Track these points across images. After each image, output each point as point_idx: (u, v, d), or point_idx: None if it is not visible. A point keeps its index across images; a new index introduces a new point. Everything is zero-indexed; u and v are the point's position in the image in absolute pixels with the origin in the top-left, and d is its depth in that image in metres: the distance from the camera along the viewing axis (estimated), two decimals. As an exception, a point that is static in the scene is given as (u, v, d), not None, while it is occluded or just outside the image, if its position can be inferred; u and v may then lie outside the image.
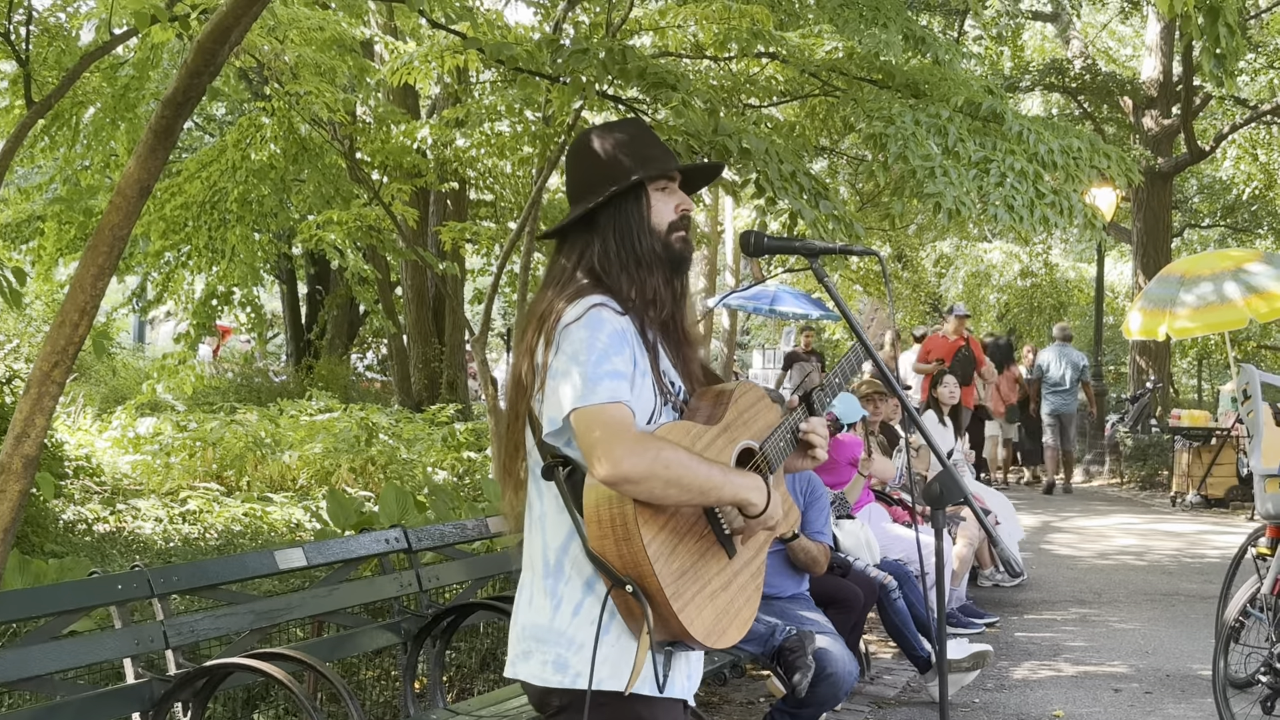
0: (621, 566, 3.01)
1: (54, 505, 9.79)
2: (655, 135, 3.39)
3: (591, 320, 3.09)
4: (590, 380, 3.02)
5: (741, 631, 3.22)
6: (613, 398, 3.02)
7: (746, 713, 7.72)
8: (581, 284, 3.22)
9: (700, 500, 3.09)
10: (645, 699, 3.13)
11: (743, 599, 3.25)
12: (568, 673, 3.12)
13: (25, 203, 15.19)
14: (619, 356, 3.08)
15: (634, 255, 3.24)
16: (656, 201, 3.29)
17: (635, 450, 2.97)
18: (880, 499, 9.59)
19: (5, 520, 5.97)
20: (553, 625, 3.16)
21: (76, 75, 7.76)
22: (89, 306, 6.15)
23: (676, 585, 3.04)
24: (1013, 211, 8.49)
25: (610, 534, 3.02)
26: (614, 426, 2.99)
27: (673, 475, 2.99)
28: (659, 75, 8.66)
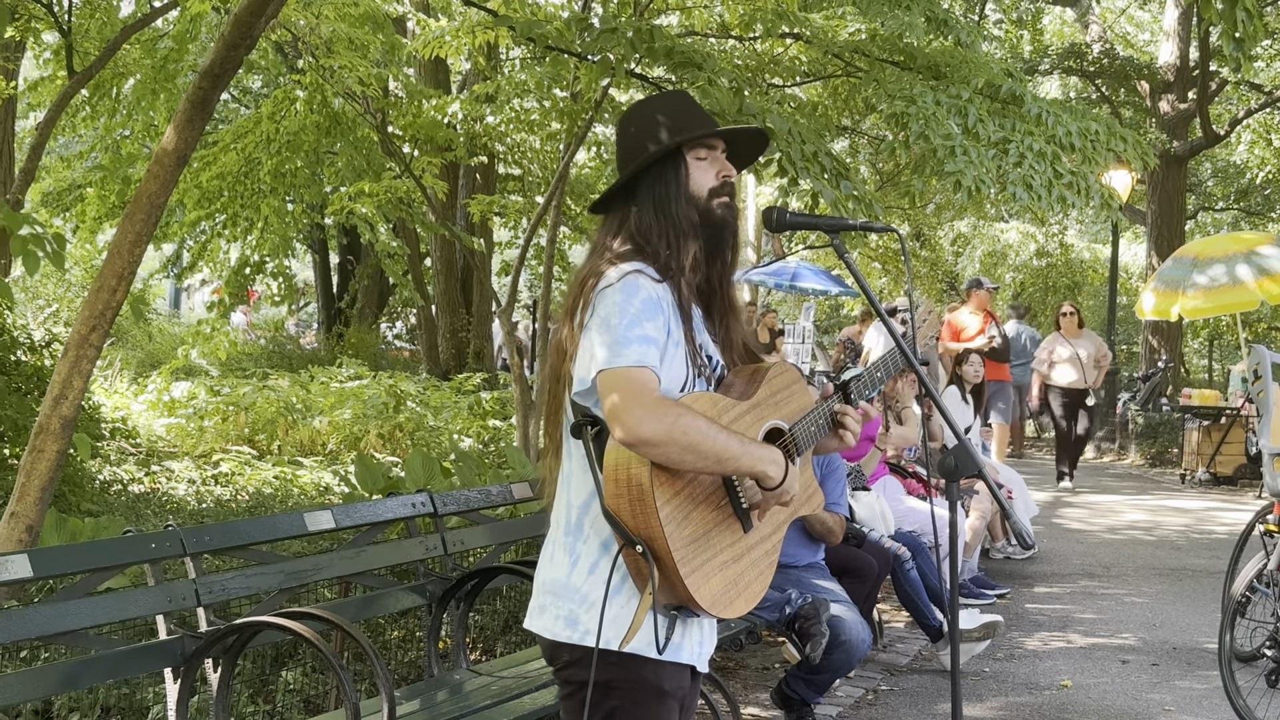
0: (634, 527, 3.00)
1: (91, 466, 9.83)
2: (698, 106, 3.36)
3: (627, 285, 3.07)
4: (619, 343, 3.00)
5: (750, 604, 3.20)
6: (639, 361, 2.99)
7: (762, 678, 7.73)
8: (622, 251, 3.19)
9: (716, 468, 3.06)
10: (649, 660, 3.11)
11: (754, 573, 3.23)
12: (577, 629, 3.12)
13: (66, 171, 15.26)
14: (651, 322, 3.05)
15: (671, 222, 3.19)
16: (695, 169, 3.24)
17: (654, 414, 2.94)
18: (895, 472, 9.58)
19: (43, 479, 6.00)
20: (569, 581, 3.15)
21: (117, 46, 7.78)
22: (126, 272, 6.16)
23: (686, 551, 3.03)
24: (1031, 191, 8.47)
25: (625, 494, 3.00)
26: (636, 389, 2.96)
27: (690, 441, 2.97)
28: (685, 54, 8.64)
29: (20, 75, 13.12)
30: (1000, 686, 7.65)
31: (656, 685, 3.15)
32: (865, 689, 7.55)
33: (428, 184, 12.29)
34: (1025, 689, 7.59)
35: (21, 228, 5.59)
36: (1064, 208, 8.90)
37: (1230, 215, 33.91)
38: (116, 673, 4.81)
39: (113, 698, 5.46)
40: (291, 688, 6.01)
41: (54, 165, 15.76)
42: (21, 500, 5.97)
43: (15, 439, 9.05)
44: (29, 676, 4.71)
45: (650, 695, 3.14)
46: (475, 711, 5.25)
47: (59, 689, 4.85)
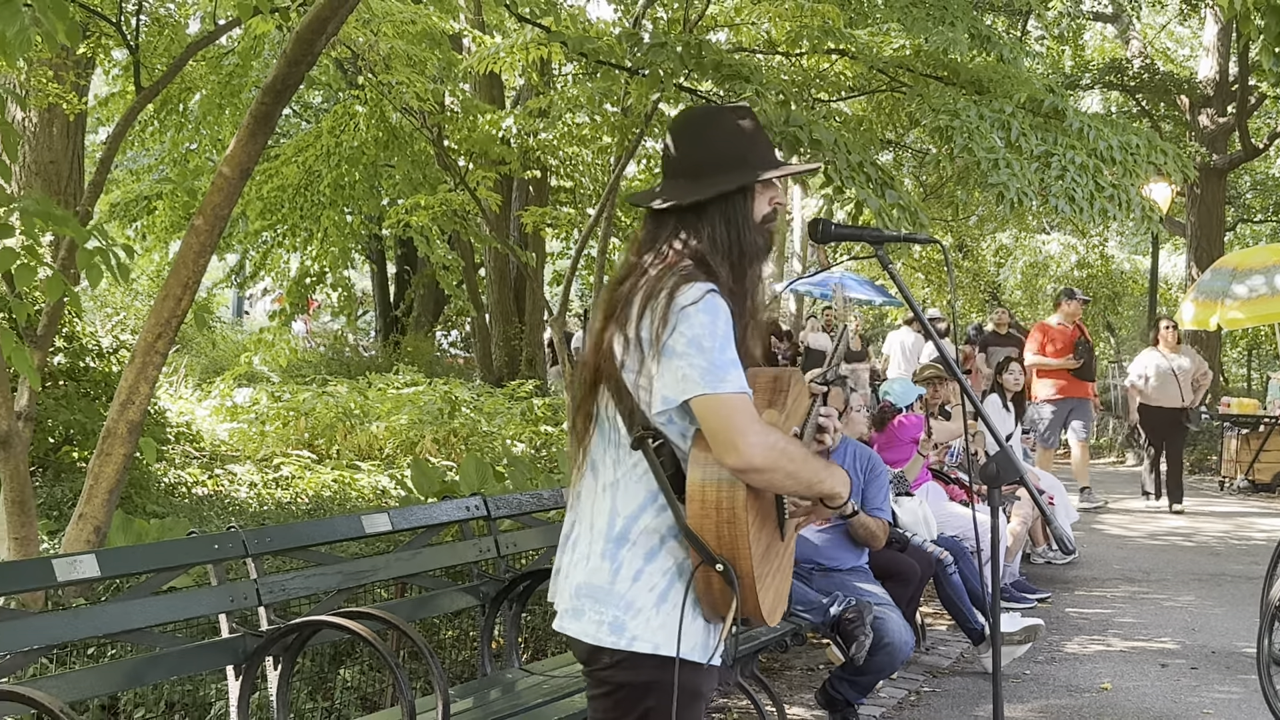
0: (718, 546, 2.99)
1: (156, 469, 9.89)
2: (765, 129, 3.33)
3: (710, 305, 3.03)
4: (717, 367, 2.98)
5: (784, 607, 3.27)
6: (740, 388, 2.99)
7: (806, 679, 7.71)
8: (689, 266, 3.13)
9: (805, 491, 3.13)
10: (693, 665, 3.12)
11: (783, 577, 3.29)
12: (624, 635, 3.09)
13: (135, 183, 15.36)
14: (733, 345, 3.04)
15: (740, 247, 3.17)
16: (758, 195, 3.23)
17: (765, 442, 2.96)
18: (938, 477, 9.54)
19: (110, 481, 6.05)
20: (612, 588, 3.12)
21: (183, 63, 7.83)
22: (191, 282, 6.21)
23: (760, 568, 3.05)
24: (1073, 203, 8.43)
25: (714, 514, 2.99)
26: (744, 417, 2.97)
27: (794, 468, 3.02)
28: (733, 69, 8.65)
29: (90, 91, 13.24)
30: (1041, 689, 7.60)
31: (695, 688, 3.15)
32: (908, 690, 7.52)
33: (482, 196, 12.33)
34: (1065, 691, 7.54)
35: (88, 240, 5.63)
36: (1105, 220, 8.85)
37: (1269, 227, 33.59)
38: (180, 670, 4.84)
39: (176, 694, 5.49)
40: (349, 685, 6.03)
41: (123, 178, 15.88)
42: (90, 502, 6.02)
43: (84, 442, 9.12)
44: (96, 673, 4.75)
45: (687, 697, 3.13)
46: (527, 710, 5.25)
47: (125, 685, 4.89)
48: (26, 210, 5.48)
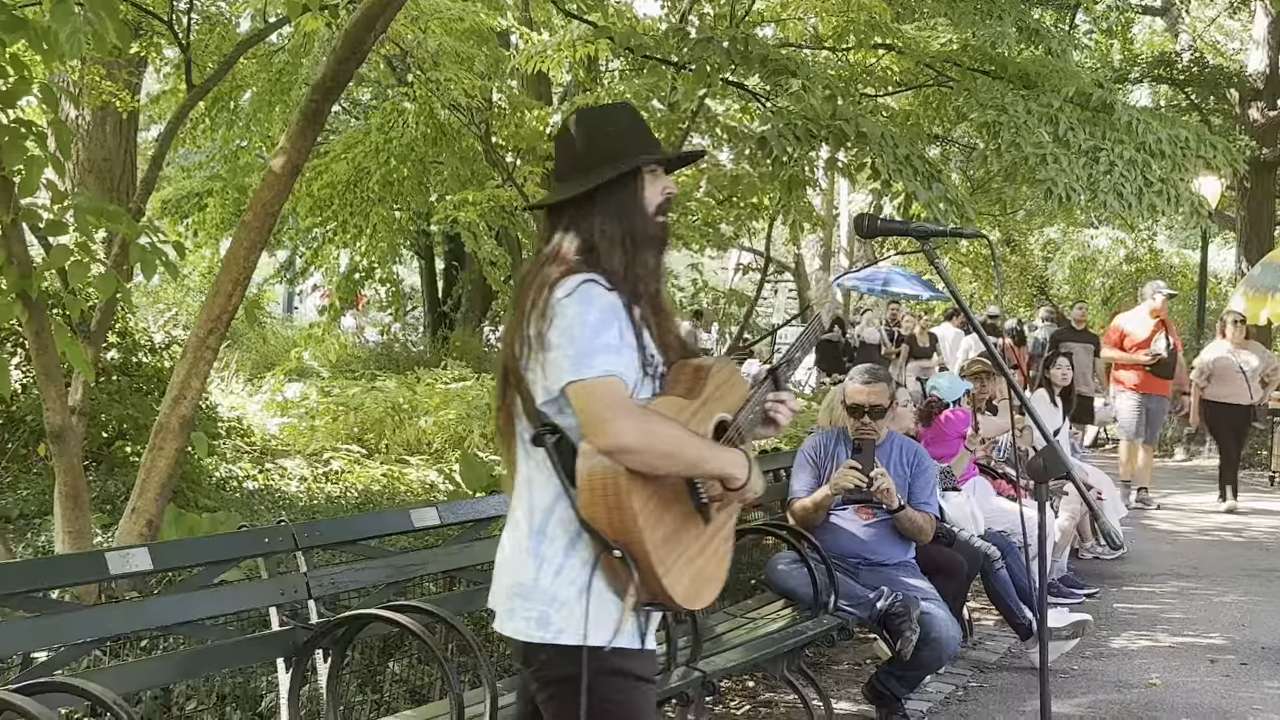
0: (611, 533, 3.04)
1: (208, 463, 9.95)
2: (644, 120, 3.42)
3: (583, 296, 3.11)
4: (585, 354, 3.05)
5: (715, 593, 3.27)
6: (607, 371, 3.05)
7: (854, 674, 7.69)
8: (574, 260, 3.22)
9: (689, 472, 3.15)
10: (627, 651, 3.17)
11: (715, 562, 3.29)
12: (550, 629, 3.15)
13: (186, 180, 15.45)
14: (609, 331, 3.10)
15: (630, 234, 3.23)
16: (647, 185, 3.29)
17: (632, 423, 3.02)
18: (985, 473, 9.49)
19: (163, 476, 6.09)
20: (536, 584, 3.18)
21: (234, 61, 7.87)
22: (242, 278, 6.24)
23: (661, 551, 3.07)
24: (1122, 199, 8.37)
25: (602, 501, 3.04)
26: (610, 399, 3.04)
27: (667, 448, 3.06)
28: (780, 63, 8.62)
29: (143, 89, 13.32)
30: (1088, 684, 7.56)
31: (636, 673, 3.21)
32: (955, 685, 7.49)
33: (529, 192, 12.34)
34: (1113, 687, 7.50)
35: (140, 237, 5.67)
36: (1154, 215, 8.78)
37: (1319, 221, 33.32)
38: (231, 662, 4.87)
39: (228, 686, 5.52)
40: (398, 678, 6.04)
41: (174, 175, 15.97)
42: (142, 496, 6.06)
43: (136, 437, 9.18)
44: (149, 665, 4.79)
45: (631, 682, 3.19)
46: (575, 703, 5.25)
47: (177, 677, 4.92)
48: (80, 207, 5.52)
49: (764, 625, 6.73)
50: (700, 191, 15.75)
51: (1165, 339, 14.23)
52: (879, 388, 7.13)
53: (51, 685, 3.92)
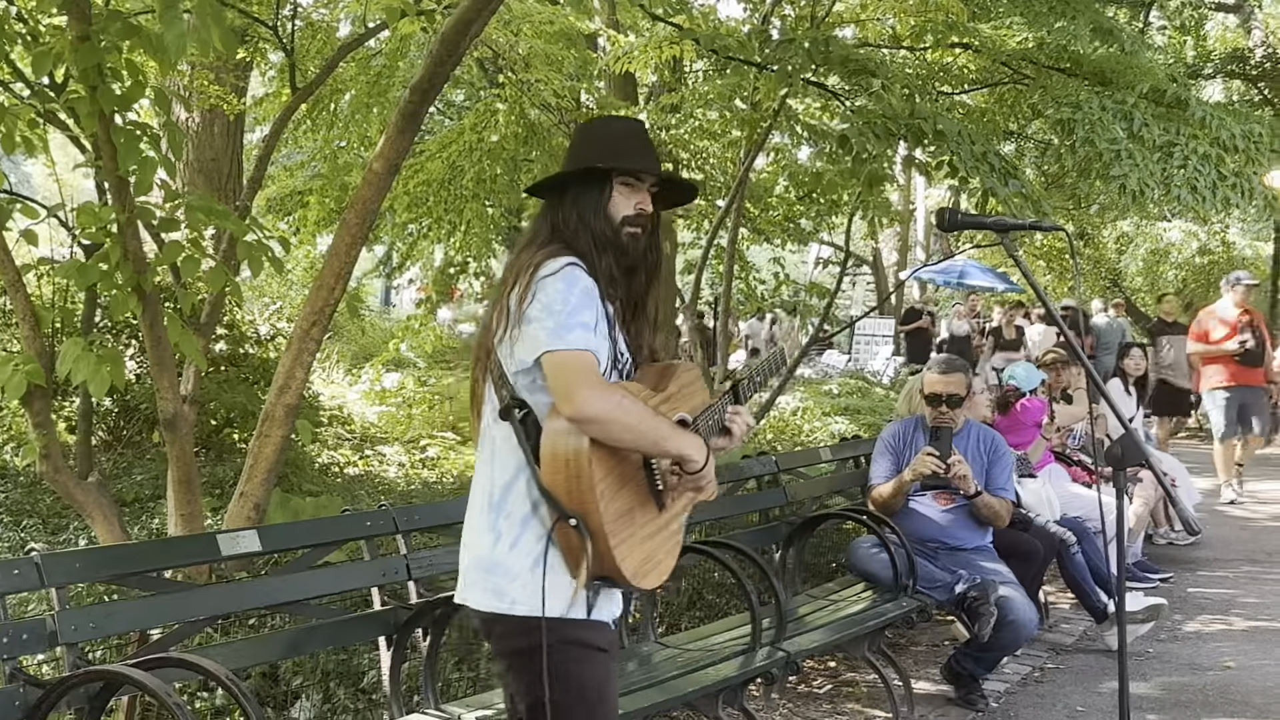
0: (569, 502, 3.06)
1: (311, 450, 10.05)
2: (646, 140, 3.44)
3: (567, 275, 3.16)
4: (564, 327, 3.09)
5: (661, 578, 3.27)
6: (583, 345, 3.10)
7: (932, 655, 7.66)
8: (555, 245, 3.26)
9: (651, 448, 3.17)
10: (579, 621, 3.18)
11: (665, 550, 3.30)
12: (504, 599, 3.18)
13: (289, 179, 15.58)
14: (588, 311, 3.15)
15: (589, 231, 3.27)
16: (618, 194, 3.31)
17: (600, 394, 3.05)
18: (1060, 460, 9.42)
19: (269, 462, 6.16)
20: (493, 556, 3.21)
21: (335, 64, 7.93)
22: (343, 272, 6.29)
23: (615, 525, 3.09)
24: (1196, 192, 8.25)
25: (563, 470, 3.06)
26: (582, 370, 3.07)
27: (631, 421, 3.08)
28: (859, 63, 8.58)
29: (248, 92, 13.46)
30: (1163, 667, 7.48)
31: (591, 643, 3.22)
32: (1032, 667, 7.45)
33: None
34: (1188, 669, 7.41)
35: (247, 234, 5.74)
36: (1227, 208, 8.66)
37: (1392, 213, 32.62)
38: (335, 640, 4.93)
39: (331, 663, 5.58)
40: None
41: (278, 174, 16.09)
42: (250, 481, 6.13)
43: (244, 425, 9.29)
44: (258, 643, 4.85)
45: (589, 652, 3.21)
46: (663, 681, 5.27)
47: (284, 654, 4.98)
48: (191, 206, 5.60)
49: (845, 607, 6.72)
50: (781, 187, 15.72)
51: (1252, 329, 13.59)
52: (956, 378, 7.11)
53: (167, 660, 3.98)
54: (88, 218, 5.39)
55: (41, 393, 5.55)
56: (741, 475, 7.37)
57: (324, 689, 5.50)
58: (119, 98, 5.25)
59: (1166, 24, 24.46)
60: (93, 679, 3.83)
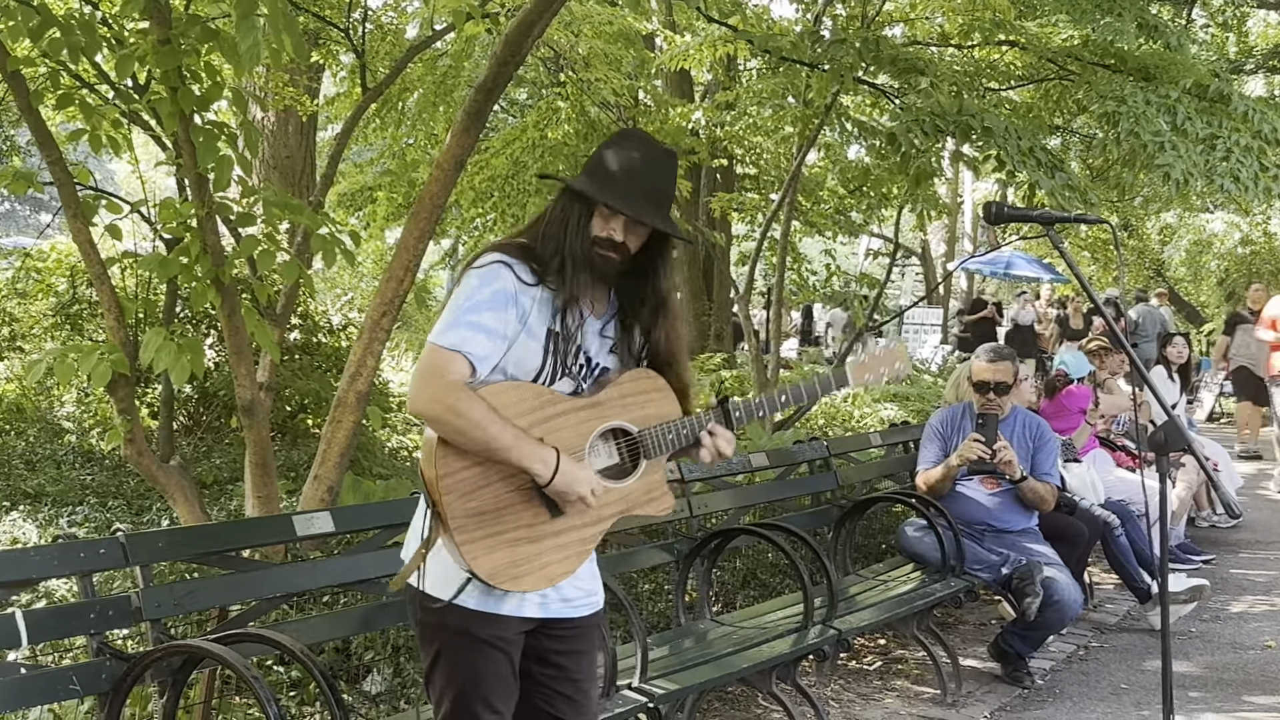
0: (428, 489, 3.05)
1: (381, 435, 10.10)
2: (661, 175, 3.26)
3: (486, 273, 3.10)
4: (449, 323, 3.04)
5: (544, 584, 3.14)
6: (456, 345, 3.02)
7: (979, 633, 7.62)
8: (512, 242, 3.21)
9: (488, 454, 3.02)
10: (460, 609, 3.12)
11: (557, 556, 3.16)
12: (407, 564, 3.18)
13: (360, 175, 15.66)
14: (492, 313, 3.06)
15: (558, 245, 3.16)
16: (597, 216, 3.17)
17: (435, 394, 2.99)
18: (1104, 445, 9.35)
19: (341, 446, 6.19)
20: (414, 527, 3.22)
21: (404, 65, 7.95)
22: (412, 264, 6.31)
23: (465, 522, 3.03)
24: (1239, 183, 8.16)
25: (427, 459, 3.05)
26: (435, 368, 3.01)
27: (460, 425, 2.97)
28: (908, 62, 8.53)
29: (321, 93, 13.55)
30: (1206, 646, 7.41)
31: (471, 633, 3.15)
32: (1077, 645, 7.41)
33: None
34: (1230, 649, 7.34)
35: (321, 228, 5.77)
36: (1269, 198, 8.56)
37: None
38: (405, 617, 4.93)
39: (401, 638, 5.60)
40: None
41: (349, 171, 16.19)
42: (323, 465, 6.17)
43: (317, 411, 9.34)
44: (331, 619, 4.88)
45: (465, 640, 3.15)
46: (718, 658, 5.27)
47: (356, 630, 5.00)
48: (267, 201, 5.63)
49: (895, 587, 6.70)
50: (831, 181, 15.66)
51: None
52: (1003, 365, 7.08)
53: (245, 636, 4.02)
54: (169, 213, 5.43)
55: (125, 380, 5.60)
56: (794, 460, 7.36)
57: (394, 663, 5.53)
58: (198, 98, 5.29)
59: (1209, 21, 24.16)
60: (174, 653, 3.87)
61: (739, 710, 5.98)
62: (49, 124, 5.79)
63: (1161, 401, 3.55)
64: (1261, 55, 23.91)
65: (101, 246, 5.95)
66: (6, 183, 5.44)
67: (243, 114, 6.04)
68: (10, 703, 3.71)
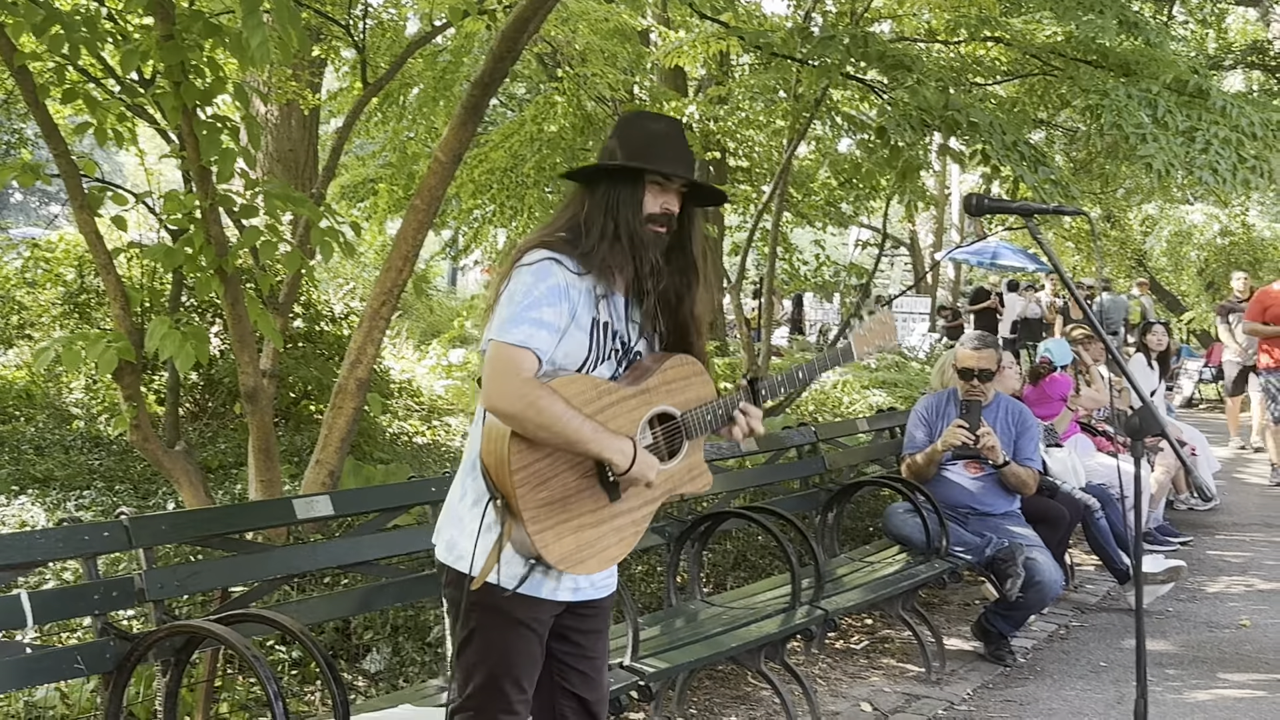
0: (496, 482, 3.06)
1: (382, 420, 10.09)
2: (681, 141, 3.30)
3: (539, 269, 3.09)
4: (512, 320, 3.03)
5: (602, 566, 3.18)
6: (523, 342, 3.02)
7: (963, 613, 7.64)
8: (554, 237, 3.19)
9: (568, 447, 3.04)
10: (504, 593, 3.13)
11: (615, 538, 3.20)
12: (454, 552, 3.21)
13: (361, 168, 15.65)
14: (550, 308, 3.06)
15: (616, 224, 3.16)
16: (648, 192, 3.20)
17: (515, 391, 2.98)
18: (1086, 430, 9.37)
19: (342, 431, 6.19)
20: (457, 510, 3.23)
21: (404, 61, 7.94)
22: (411, 254, 6.31)
23: (538, 512, 3.04)
24: (1217, 175, 8.17)
25: (493, 452, 3.05)
26: (507, 366, 3.00)
27: (542, 421, 2.98)
28: (896, 58, 8.53)
29: (323, 87, 13.53)
30: (1182, 624, 7.43)
31: (510, 614, 3.17)
32: (1058, 624, 7.43)
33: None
34: (1206, 627, 7.36)
35: (321, 220, 5.76)
36: (1247, 190, 8.56)
37: (1404, 196, 32.11)
38: (403, 597, 4.95)
39: (400, 619, 5.61)
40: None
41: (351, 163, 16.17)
42: (324, 449, 6.17)
43: (319, 397, 9.34)
44: (331, 599, 4.89)
45: (502, 621, 3.17)
46: (708, 637, 5.28)
47: (356, 610, 5.01)
48: (269, 193, 5.62)
49: (881, 568, 6.71)
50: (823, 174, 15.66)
51: None
52: (988, 353, 7.09)
53: (247, 616, 4.02)
54: (173, 204, 5.42)
55: (131, 367, 5.59)
56: (783, 445, 7.37)
57: (393, 643, 5.54)
58: (201, 93, 5.28)
59: (1189, 18, 24.16)
60: (177, 633, 3.87)
61: (729, 688, 6.00)
62: (56, 117, 5.78)
63: (1137, 387, 3.56)
64: (1240, 51, 23.91)
65: (108, 237, 5.94)
66: (15, 175, 5.43)
67: (245, 108, 6.04)
68: (17, 681, 3.72)
